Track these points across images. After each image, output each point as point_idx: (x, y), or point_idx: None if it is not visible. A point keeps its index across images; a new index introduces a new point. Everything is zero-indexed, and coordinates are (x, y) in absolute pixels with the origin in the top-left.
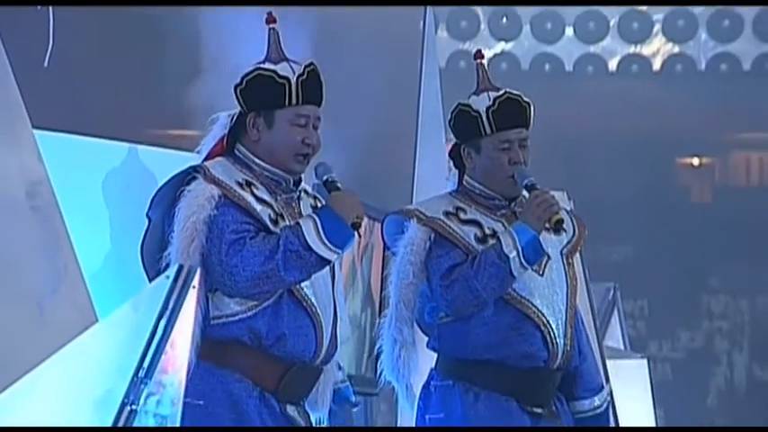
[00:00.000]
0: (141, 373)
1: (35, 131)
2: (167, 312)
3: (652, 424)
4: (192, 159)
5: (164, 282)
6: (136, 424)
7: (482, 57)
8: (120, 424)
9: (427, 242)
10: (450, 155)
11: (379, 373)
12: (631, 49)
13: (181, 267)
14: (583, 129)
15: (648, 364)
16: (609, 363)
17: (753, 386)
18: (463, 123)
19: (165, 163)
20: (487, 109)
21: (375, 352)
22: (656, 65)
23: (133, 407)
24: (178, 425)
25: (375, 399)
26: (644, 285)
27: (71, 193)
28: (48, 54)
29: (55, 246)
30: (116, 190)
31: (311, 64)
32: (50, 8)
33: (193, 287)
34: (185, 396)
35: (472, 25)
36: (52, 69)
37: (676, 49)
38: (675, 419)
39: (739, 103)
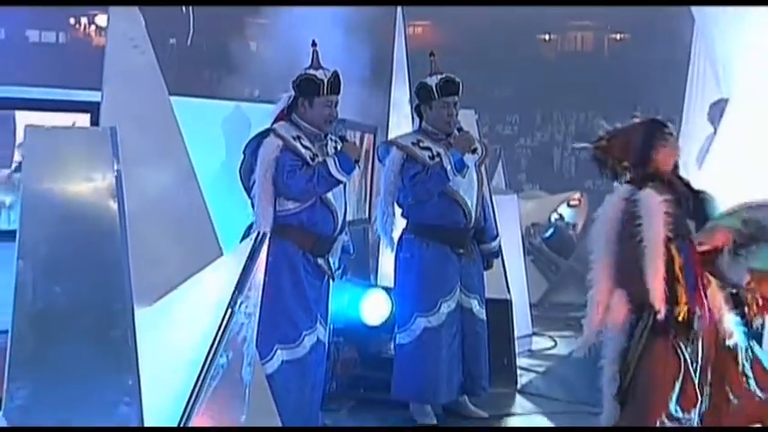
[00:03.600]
0: (237, 289)
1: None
2: (252, 257)
3: (518, 236)
4: (270, 111)
5: (249, 242)
6: (233, 321)
7: (434, 55)
8: (225, 321)
9: (401, 160)
10: (415, 110)
11: (374, 229)
12: None
13: (258, 233)
14: (479, 19)
15: (518, 198)
16: (494, 198)
17: (579, 162)
18: (422, 92)
19: (258, 113)
20: (436, 85)
21: (371, 216)
22: None
23: (234, 309)
24: (257, 317)
25: (369, 230)
26: (514, 107)
27: (196, 139)
28: (190, 37)
29: (188, 188)
30: (228, 134)
31: (336, 71)
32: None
33: (266, 245)
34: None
35: None
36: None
37: None
38: (536, 178)
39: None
